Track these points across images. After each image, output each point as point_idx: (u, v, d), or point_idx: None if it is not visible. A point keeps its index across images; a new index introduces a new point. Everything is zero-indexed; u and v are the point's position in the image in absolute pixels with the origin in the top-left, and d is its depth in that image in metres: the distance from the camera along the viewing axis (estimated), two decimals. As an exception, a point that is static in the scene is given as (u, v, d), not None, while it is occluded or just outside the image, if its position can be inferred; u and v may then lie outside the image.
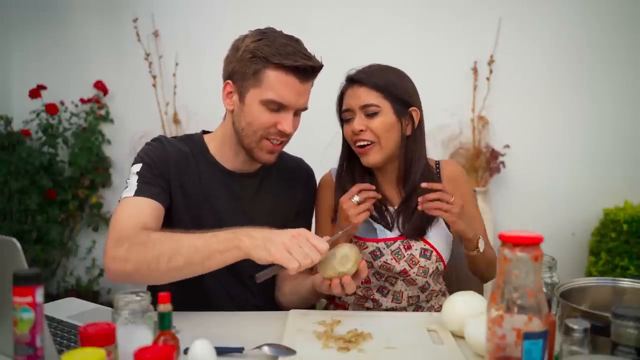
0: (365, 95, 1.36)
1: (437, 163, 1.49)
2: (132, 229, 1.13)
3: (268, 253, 1.04)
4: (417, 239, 1.40)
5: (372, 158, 1.37)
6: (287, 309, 1.28)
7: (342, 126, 1.44)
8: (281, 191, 1.43)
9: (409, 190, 1.40)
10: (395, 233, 1.41)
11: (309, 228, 1.50)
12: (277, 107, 1.25)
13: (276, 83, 1.23)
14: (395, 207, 1.44)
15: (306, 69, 1.24)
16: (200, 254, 1.07)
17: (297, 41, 1.28)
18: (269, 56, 1.22)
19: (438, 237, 1.41)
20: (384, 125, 1.35)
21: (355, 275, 1.17)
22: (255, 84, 1.25)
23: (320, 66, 1.27)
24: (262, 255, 1.04)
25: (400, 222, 1.42)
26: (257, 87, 1.24)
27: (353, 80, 1.39)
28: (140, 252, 1.08)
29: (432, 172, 1.45)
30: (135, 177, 1.25)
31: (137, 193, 1.21)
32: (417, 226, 1.40)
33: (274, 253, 1.03)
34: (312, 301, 1.38)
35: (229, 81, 1.30)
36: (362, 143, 1.36)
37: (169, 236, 1.11)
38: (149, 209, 1.21)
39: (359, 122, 1.35)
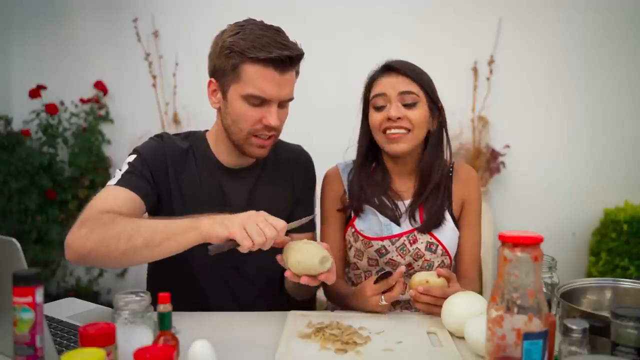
0: (404, 84, 1.36)
1: (451, 165, 1.48)
2: (99, 212, 1.14)
3: (225, 228, 1.04)
4: (425, 232, 1.39)
5: (401, 147, 1.36)
6: (294, 299, 1.29)
7: (365, 116, 1.43)
8: (279, 181, 1.42)
9: (428, 187, 1.40)
10: (403, 228, 1.40)
11: (311, 214, 1.49)
12: (258, 101, 1.23)
13: (254, 77, 1.20)
14: (406, 201, 1.43)
15: (283, 59, 1.20)
16: (160, 234, 1.07)
17: (277, 30, 1.24)
18: (245, 50, 1.19)
19: (444, 231, 1.40)
20: (422, 116, 1.36)
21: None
22: (235, 79, 1.23)
23: (300, 54, 1.23)
24: (220, 231, 1.05)
25: (409, 215, 1.41)
26: (237, 83, 1.23)
27: (390, 68, 1.38)
28: (102, 231, 1.09)
29: (447, 174, 1.45)
30: (125, 167, 1.25)
31: (119, 183, 1.22)
32: (432, 218, 1.39)
33: (230, 228, 1.04)
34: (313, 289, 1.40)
35: (212, 79, 1.29)
36: (396, 131, 1.35)
37: (132, 219, 1.12)
38: (125, 198, 1.20)
39: (396, 109, 1.34)
